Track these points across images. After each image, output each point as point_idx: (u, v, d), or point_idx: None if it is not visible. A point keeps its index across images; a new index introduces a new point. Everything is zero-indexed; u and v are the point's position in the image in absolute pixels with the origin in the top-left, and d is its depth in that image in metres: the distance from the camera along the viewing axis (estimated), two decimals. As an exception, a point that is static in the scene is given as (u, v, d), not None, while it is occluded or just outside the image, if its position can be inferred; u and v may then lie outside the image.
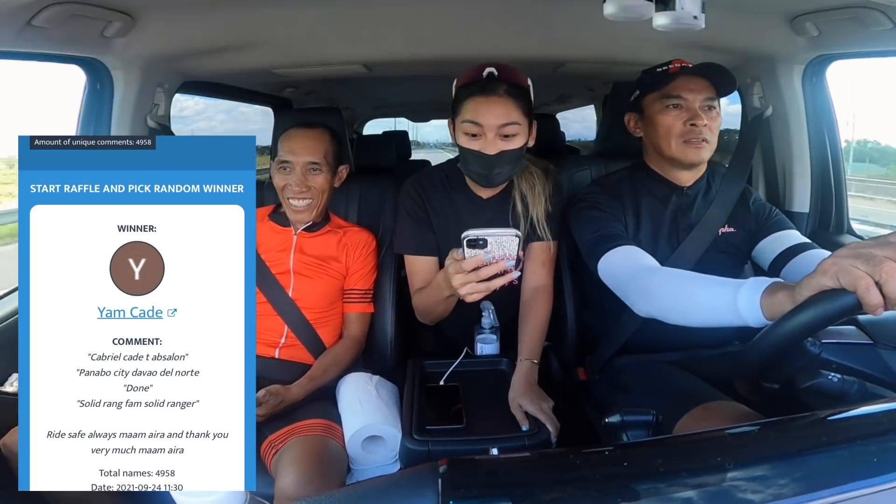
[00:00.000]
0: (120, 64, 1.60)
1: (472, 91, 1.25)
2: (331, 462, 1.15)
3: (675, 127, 1.26)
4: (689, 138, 1.25)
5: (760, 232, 1.32)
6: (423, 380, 1.33)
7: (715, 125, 1.26)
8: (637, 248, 1.20)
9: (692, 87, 1.25)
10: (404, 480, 0.56)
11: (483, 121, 1.23)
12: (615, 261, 1.19)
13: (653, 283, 1.08)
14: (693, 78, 1.25)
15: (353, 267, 1.50)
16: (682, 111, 1.26)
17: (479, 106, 1.24)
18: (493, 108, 1.23)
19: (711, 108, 1.26)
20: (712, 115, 1.26)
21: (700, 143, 1.25)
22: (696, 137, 1.25)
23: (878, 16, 1.31)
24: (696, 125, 1.24)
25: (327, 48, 1.91)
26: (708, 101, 1.25)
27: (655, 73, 1.30)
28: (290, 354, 1.43)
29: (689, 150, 1.26)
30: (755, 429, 0.70)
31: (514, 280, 0.98)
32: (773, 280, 0.84)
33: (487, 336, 1.46)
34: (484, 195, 1.41)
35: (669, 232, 1.32)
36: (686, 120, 1.25)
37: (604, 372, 1.39)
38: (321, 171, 1.44)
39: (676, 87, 1.25)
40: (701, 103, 1.25)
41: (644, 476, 0.54)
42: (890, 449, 0.55)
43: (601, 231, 1.24)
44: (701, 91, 1.25)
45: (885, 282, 0.65)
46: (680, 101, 1.26)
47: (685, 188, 1.34)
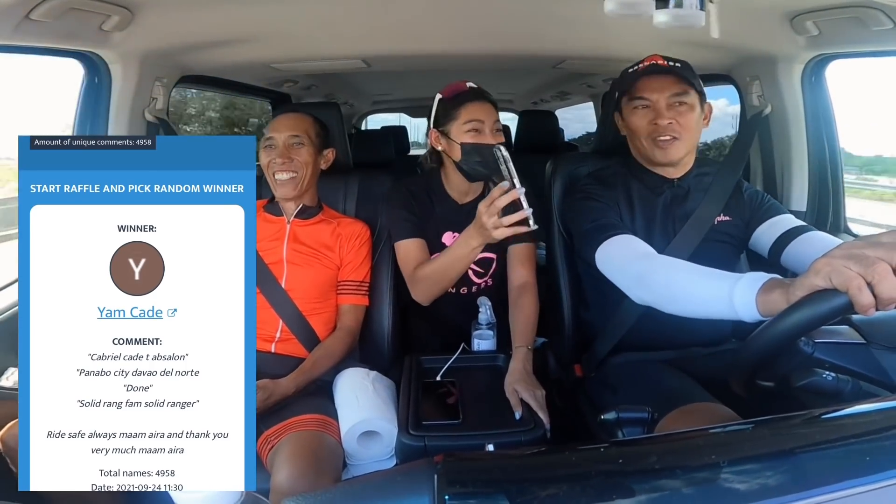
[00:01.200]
0: (118, 58, 1.59)
1: (465, 99, 1.45)
2: (326, 457, 1.16)
3: (643, 127, 1.28)
4: (656, 137, 1.26)
5: (755, 219, 1.32)
6: (420, 375, 1.33)
7: (686, 120, 1.26)
8: (634, 237, 1.20)
9: (655, 87, 1.26)
10: (400, 476, 0.56)
11: (484, 118, 1.43)
12: (612, 249, 1.19)
13: (650, 271, 1.08)
14: (658, 76, 1.26)
15: (347, 257, 1.50)
16: (649, 110, 1.27)
17: (477, 108, 1.44)
18: (487, 110, 1.45)
19: (681, 104, 1.26)
20: (681, 111, 1.26)
21: (668, 143, 1.26)
22: (663, 135, 1.25)
23: (879, 15, 1.31)
24: (658, 124, 1.25)
25: (326, 43, 1.91)
26: (675, 98, 1.25)
27: (627, 73, 1.31)
28: (285, 349, 1.43)
29: (657, 150, 1.28)
30: (750, 427, 0.71)
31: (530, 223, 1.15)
32: (771, 276, 0.84)
33: (484, 332, 1.46)
34: (461, 200, 1.54)
35: (664, 222, 1.32)
36: (651, 119, 1.26)
37: (598, 370, 1.39)
38: (303, 144, 1.48)
39: (640, 87, 1.27)
40: (667, 101, 1.25)
41: (639, 473, 0.54)
42: (883, 448, 0.55)
43: (598, 221, 1.25)
44: (665, 89, 1.25)
45: (877, 283, 0.66)
46: (646, 102, 1.27)
47: (675, 180, 1.34)
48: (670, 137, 1.26)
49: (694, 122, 1.27)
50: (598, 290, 1.34)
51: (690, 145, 1.29)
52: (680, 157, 1.29)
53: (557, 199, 1.51)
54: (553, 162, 1.57)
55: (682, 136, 1.26)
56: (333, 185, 1.64)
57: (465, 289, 1.58)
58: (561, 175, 1.53)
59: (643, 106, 1.28)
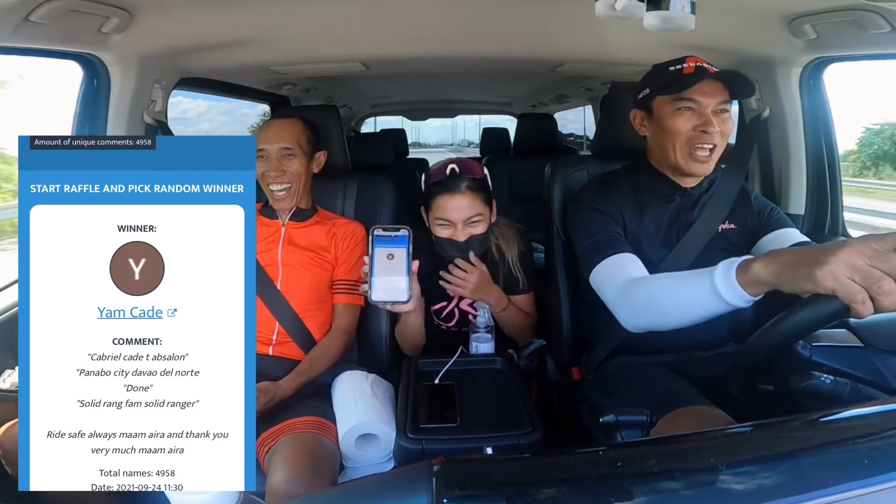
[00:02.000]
0: (117, 60, 1.59)
1: (439, 189, 1.44)
2: (323, 459, 1.15)
3: (685, 131, 1.22)
4: (697, 145, 1.22)
5: (761, 229, 1.31)
6: (418, 378, 1.33)
7: (727, 129, 1.23)
8: (628, 256, 1.19)
9: (707, 91, 1.21)
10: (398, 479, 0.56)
11: (451, 217, 1.43)
12: (604, 275, 1.18)
13: (634, 296, 1.08)
14: (709, 81, 1.21)
15: (342, 257, 1.50)
16: (694, 114, 1.22)
17: (446, 203, 1.43)
18: (458, 204, 1.42)
19: (724, 112, 1.23)
20: (724, 119, 1.22)
21: (707, 156, 1.22)
22: (707, 143, 1.22)
23: (877, 19, 1.31)
24: (708, 131, 1.20)
25: (326, 45, 1.91)
26: (721, 105, 1.22)
27: (669, 71, 1.25)
28: (282, 351, 1.43)
29: (693, 163, 1.24)
30: (748, 430, 0.71)
31: None
32: (742, 258, 0.83)
33: (482, 335, 1.46)
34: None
35: (669, 230, 1.31)
36: (697, 125, 1.21)
37: (596, 373, 1.39)
38: (295, 156, 1.47)
39: (693, 91, 1.21)
40: (714, 108, 1.21)
41: (638, 476, 0.55)
42: (881, 450, 0.55)
43: (595, 237, 1.23)
44: (716, 95, 1.21)
45: (881, 298, 0.66)
46: (693, 105, 1.22)
47: (688, 189, 1.32)
48: (711, 146, 1.22)
49: (730, 132, 1.25)
50: (595, 293, 1.35)
51: (720, 155, 1.26)
52: (707, 173, 1.27)
53: (557, 202, 1.51)
54: (552, 165, 1.57)
55: (720, 146, 1.24)
56: (332, 188, 1.64)
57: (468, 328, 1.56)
58: (560, 178, 1.53)
59: (688, 108, 1.22)
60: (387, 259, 1.10)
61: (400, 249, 1.10)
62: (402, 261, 1.10)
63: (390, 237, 1.10)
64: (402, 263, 1.10)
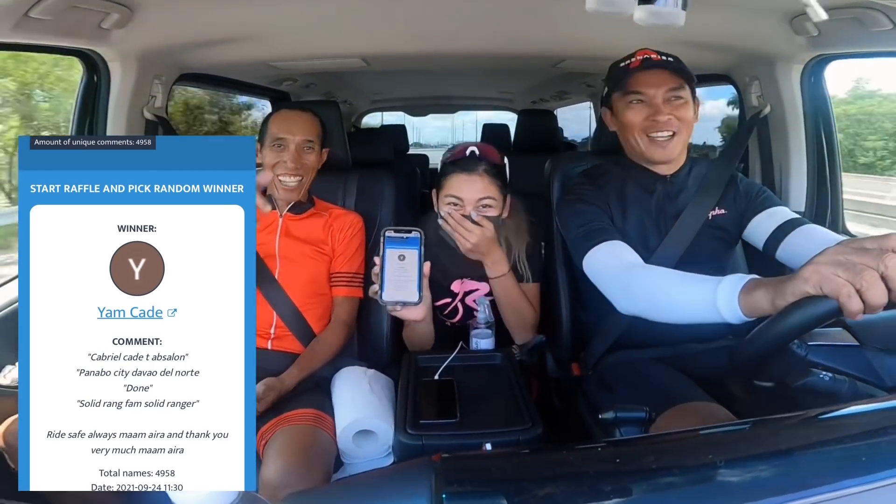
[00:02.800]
0: (117, 56, 1.59)
1: (455, 168, 1.42)
2: (318, 452, 1.16)
3: (638, 123, 1.26)
4: (653, 133, 1.25)
5: (750, 210, 1.31)
6: (418, 374, 1.33)
7: (683, 114, 1.25)
8: (620, 244, 1.20)
9: (652, 82, 1.24)
10: (398, 474, 0.56)
11: (463, 195, 1.39)
12: (598, 259, 1.19)
13: (633, 282, 1.09)
14: (654, 71, 1.24)
15: (339, 248, 1.50)
16: (645, 106, 1.25)
17: (460, 182, 1.40)
18: (473, 184, 1.39)
19: (677, 98, 1.25)
20: (677, 105, 1.25)
21: (667, 141, 1.25)
22: (662, 131, 1.25)
23: (879, 16, 1.31)
24: (657, 120, 1.24)
25: (326, 41, 1.91)
26: (672, 93, 1.24)
27: (619, 68, 1.29)
28: (281, 345, 1.43)
29: (654, 149, 1.27)
30: (747, 426, 0.71)
31: None
32: (750, 277, 0.85)
33: (482, 331, 1.46)
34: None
35: (657, 219, 1.32)
36: (647, 115, 1.25)
37: (595, 368, 1.40)
38: (313, 149, 1.47)
39: (636, 82, 1.25)
40: (664, 96, 1.24)
41: (637, 472, 0.55)
42: (880, 448, 0.56)
43: (586, 226, 1.25)
44: (662, 84, 1.24)
45: (865, 290, 0.67)
46: (642, 97, 1.25)
47: (668, 176, 1.33)
48: (669, 133, 1.25)
49: (690, 117, 1.27)
50: (594, 289, 1.35)
51: (686, 141, 1.28)
52: (676, 154, 1.29)
53: (556, 198, 1.52)
54: (552, 161, 1.58)
55: (680, 131, 1.26)
56: (332, 183, 1.64)
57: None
58: (559, 174, 1.53)
59: (638, 101, 1.26)
60: (398, 260, 1.10)
61: (411, 251, 1.10)
62: (414, 263, 1.10)
63: (402, 238, 1.09)
64: (414, 265, 1.10)
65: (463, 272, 1.53)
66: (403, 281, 1.10)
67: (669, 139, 1.26)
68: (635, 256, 1.16)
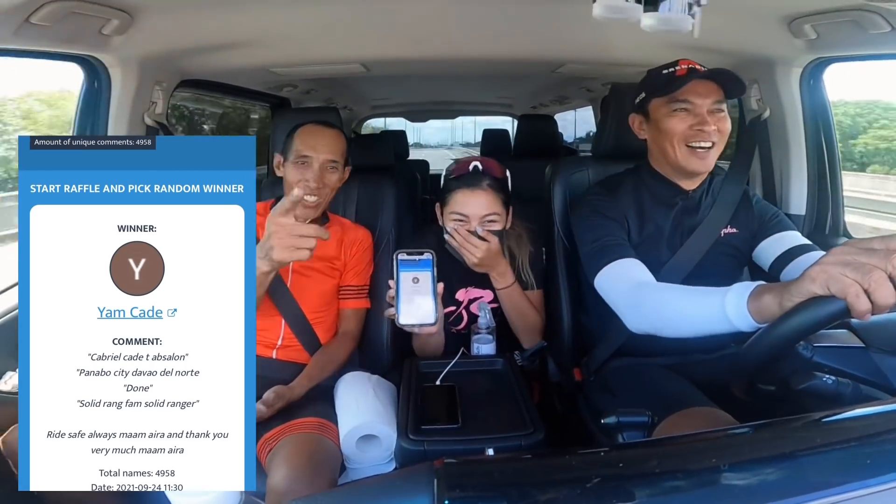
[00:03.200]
0: (118, 62, 1.59)
1: (459, 184, 1.45)
2: (323, 460, 1.15)
3: (681, 131, 1.24)
4: (695, 143, 1.23)
5: (762, 232, 1.31)
6: (420, 379, 1.33)
7: (723, 127, 1.24)
8: (633, 261, 1.19)
9: (700, 91, 1.23)
10: (400, 480, 0.56)
11: (468, 212, 1.43)
12: (610, 277, 1.19)
13: (642, 301, 1.09)
14: (702, 82, 1.23)
15: (350, 263, 1.50)
16: (690, 115, 1.23)
17: (465, 198, 1.43)
18: (477, 200, 1.42)
19: (719, 111, 1.24)
20: (720, 118, 1.24)
21: (706, 152, 1.24)
22: (705, 142, 1.23)
23: (877, 19, 1.31)
24: (704, 130, 1.22)
25: (326, 47, 1.91)
26: (716, 105, 1.23)
27: (662, 75, 1.27)
28: (287, 355, 1.43)
29: (692, 159, 1.25)
30: (751, 430, 0.71)
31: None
32: (757, 283, 0.84)
33: (484, 336, 1.46)
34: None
35: (672, 234, 1.31)
36: (693, 124, 1.23)
37: (598, 374, 1.39)
38: (337, 170, 1.45)
39: (685, 91, 1.23)
40: (709, 107, 1.23)
41: (640, 477, 0.54)
42: (884, 451, 0.55)
43: (600, 241, 1.24)
44: (709, 95, 1.23)
45: (873, 290, 0.66)
46: (687, 106, 1.23)
47: (690, 191, 1.32)
48: (710, 144, 1.23)
49: (727, 130, 1.26)
50: (597, 295, 1.34)
51: (718, 154, 1.27)
52: (711, 166, 1.27)
53: (557, 203, 1.52)
54: (552, 166, 1.58)
55: (718, 144, 1.25)
56: None
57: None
58: (560, 179, 1.53)
59: (683, 109, 1.24)
60: (412, 283, 1.13)
61: (425, 273, 1.14)
62: (428, 284, 1.13)
63: (414, 261, 1.13)
64: (428, 286, 1.13)
65: (467, 280, 1.54)
66: (419, 303, 1.13)
67: (709, 150, 1.24)
68: (647, 275, 1.16)
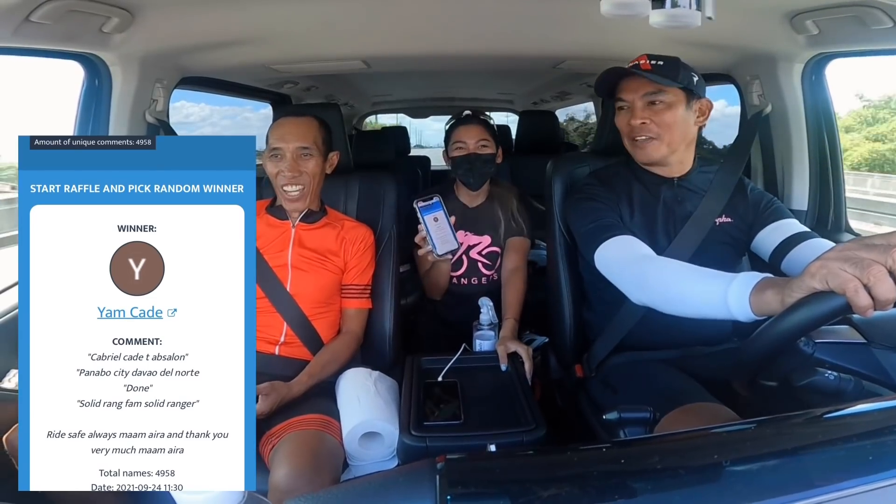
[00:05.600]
0: (118, 60, 1.59)
1: (458, 123, 1.81)
2: (326, 457, 1.16)
3: (624, 127, 1.32)
4: (635, 137, 1.29)
5: (759, 222, 1.32)
6: (421, 376, 1.33)
7: (662, 119, 1.27)
8: (633, 238, 1.20)
9: (631, 87, 1.29)
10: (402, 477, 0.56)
11: (466, 138, 1.77)
12: (611, 250, 1.20)
13: (647, 272, 1.09)
14: (630, 78, 1.29)
15: (352, 262, 1.50)
16: (626, 111, 1.31)
17: (462, 130, 1.78)
18: (472, 130, 1.78)
19: (658, 103, 1.27)
20: (657, 110, 1.27)
21: (645, 143, 1.28)
22: (639, 135, 1.28)
23: (879, 14, 1.31)
24: (632, 125, 1.28)
25: (326, 44, 1.91)
26: (649, 97, 1.27)
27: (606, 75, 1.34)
28: (289, 352, 1.43)
29: (637, 152, 1.32)
30: (752, 426, 0.70)
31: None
32: (764, 276, 0.84)
33: (486, 332, 1.46)
34: (470, 204, 1.84)
35: (665, 223, 1.32)
36: (629, 120, 1.29)
37: (599, 370, 1.39)
38: (312, 156, 1.45)
39: (619, 89, 1.31)
40: (641, 101, 1.27)
41: (641, 473, 0.54)
42: (886, 447, 0.55)
43: (598, 222, 1.25)
44: (638, 90, 1.28)
45: (873, 285, 0.66)
46: (623, 104, 1.31)
47: (675, 179, 1.34)
48: (646, 137, 1.28)
49: (674, 121, 1.27)
50: (598, 290, 1.34)
51: (673, 144, 1.29)
52: (660, 157, 1.30)
53: (558, 199, 1.52)
54: (553, 162, 1.57)
55: (661, 136, 1.27)
56: (334, 187, 1.64)
57: (476, 279, 1.82)
58: (561, 175, 1.53)
59: (620, 107, 1.32)
60: (434, 222, 1.35)
61: (440, 212, 1.36)
62: (444, 219, 1.36)
63: (429, 206, 1.36)
64: (445, 221, 1.36)
65: (465, 225, 1.78)
66: (444, 235, 1.35)
67: (647, 142, 1.28)
68: (648, 249, 1.17)
